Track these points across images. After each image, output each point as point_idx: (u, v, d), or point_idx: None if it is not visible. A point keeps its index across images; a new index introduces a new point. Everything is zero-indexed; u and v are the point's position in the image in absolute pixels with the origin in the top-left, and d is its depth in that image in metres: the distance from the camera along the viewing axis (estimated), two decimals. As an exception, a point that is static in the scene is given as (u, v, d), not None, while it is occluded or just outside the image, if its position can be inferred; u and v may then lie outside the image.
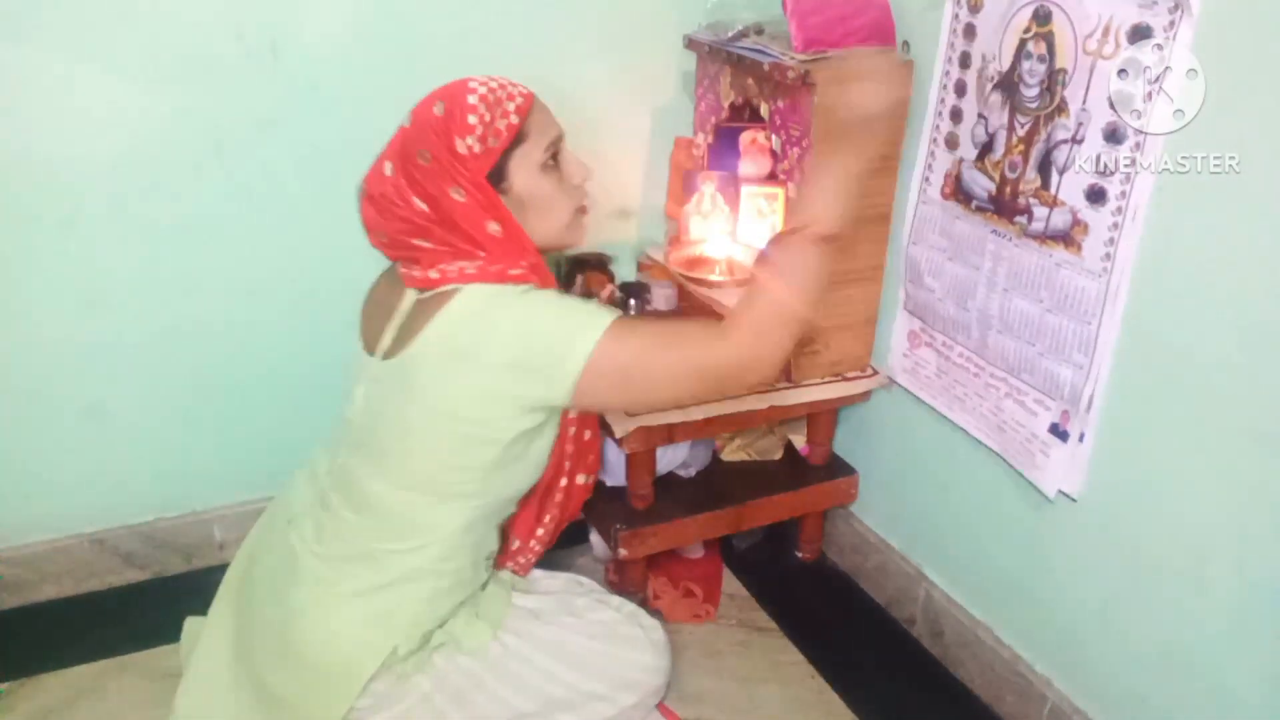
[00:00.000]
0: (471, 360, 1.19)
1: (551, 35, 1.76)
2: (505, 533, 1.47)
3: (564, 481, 1.46)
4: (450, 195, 1.19)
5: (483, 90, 1.22)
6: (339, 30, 1.61)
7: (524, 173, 1.25)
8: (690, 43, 1.75)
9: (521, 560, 1.51)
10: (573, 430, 1.40)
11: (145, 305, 1.67)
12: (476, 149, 1.20)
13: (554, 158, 1.29)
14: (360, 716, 1.31)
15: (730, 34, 1.63)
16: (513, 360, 1.18)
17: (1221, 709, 1.21)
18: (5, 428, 1.67)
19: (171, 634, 1.55)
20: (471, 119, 1.20)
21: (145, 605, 1.78)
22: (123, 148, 1.56)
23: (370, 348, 1.32)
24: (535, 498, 1.45)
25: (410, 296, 1.27)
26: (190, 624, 1.55)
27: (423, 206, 1.21)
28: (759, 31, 1.61)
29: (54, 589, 1.79)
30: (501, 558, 1.49)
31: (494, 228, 1.22)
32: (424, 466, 1.27)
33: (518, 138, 1.23)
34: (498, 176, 1.23)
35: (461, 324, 1.20)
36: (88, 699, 1.57)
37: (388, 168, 1.23)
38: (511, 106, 1.23)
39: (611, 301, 1.78)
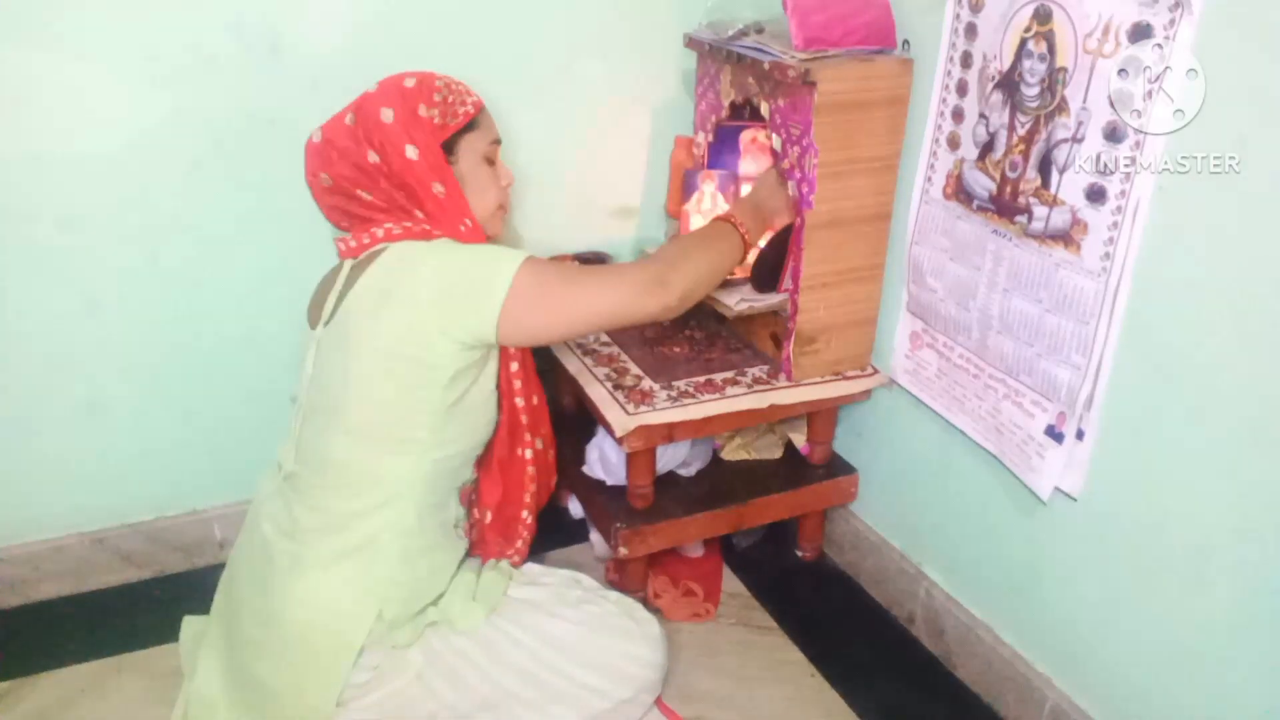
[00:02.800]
0: (399, 299, 1.29)
1: (552, 34, 1.76)
2: (471, 507, 1.51)
3: (520, 450, 1.50)
4: (405, 152, 1.32)
5: (446, 80, 1.40)
6: (338, 28, 1.61)
7: (469, 156, 1.41)
8: (690, 41, 1.75)
9: (518, 544, 1.54)
10: (519, 384, 1.45)
11: (144, 304, 1.67)
12: (436, 120, 1.35)
13: (490, 158, 1.45)
14: (355, 695, 1.33)
15: (730, 33, 1.63)
16: (438, 294, 1.28)
17: (1222, 708, 1.21)
18: (5, 426, 1.67)
19: (171, 633, 1.56)
20: (436, 97, 1.37)
21: (145, 604, 1.78)
22: (122, 146, 1.56)
23: (314, 325, 1.41)
24: (494, 466, 1.49)
25: (346, 267, 1.38)
26: (189, 623, 1.56)
27: (375, 158, 1.33)
28: (759, 30, 1.61)
29: (54, 588, 1.79)
30: (486, 538, 1.52)
31: (439, 189, 1.35)
32: (372, 413, 1.32)
33: (470, 125, 1.40)
34: (447, 150, 1.38)
35: (388, 271, 1.32)
36: (87, 698, 1.57)
37: (349, 118, 1.36)
38: (469, 100, 1.41)
39: None
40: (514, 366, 1.43)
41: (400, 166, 1.32)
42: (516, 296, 1.28)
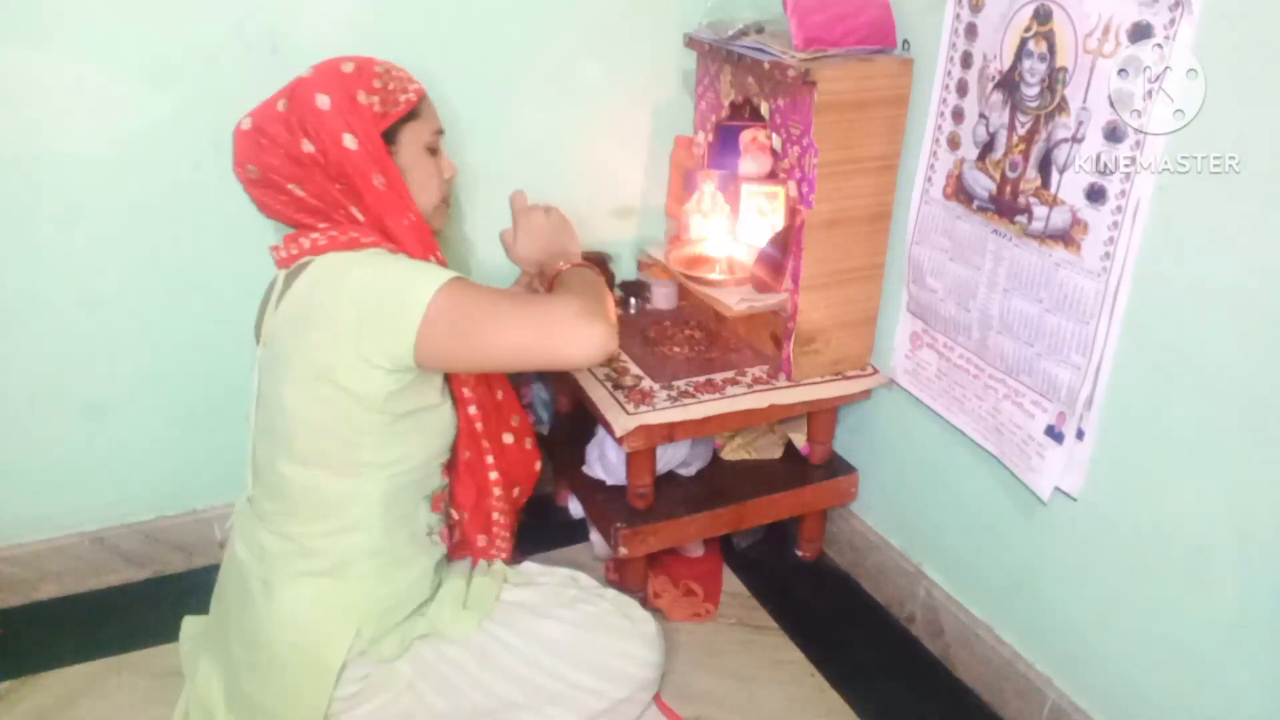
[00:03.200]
0: (321, 319, 1.22)
1: (552, 34, 1.76)
2: (448, 507, 1.47)
3: (488, 445, 1.46)
4: (342, 141, 1.24)
5: (387, 65, 1.32)
6: (338, 28, 1.60)
7: (412, 147, 1.33)
8: (690, 41, 1.75)
9: (499, 543, 1.51)
10: (467, 391, 1.39)
11: (144, 303, 1.67)
12: (376, 108, 1.27)
13: (433, 149, 1.37)
14: (344, 708, 1.31)
15: (730, 32, 1.63)
16: (359, 315, 1.20)
17: (1222, 708, 1.21)
18: (5, 427, 1.67)
19: (171, 632, 1.56)
20: (376, 83, 1.28)
21: (145, 604, 1.78)
22: (122, 146, 1.56)
23: (258, 337, 1.36)
24: (464, 469, 1.45)
25: (280, 279, 1.32)
26: (189, 623, 1.55)
27: (310, 147, 1.24)
28: (759, 30, 1.61)
29: (54, 587, 1.79)
30: (469, 537, 1.50)
31: (379, 181, 1.27)
32: (314, 440, 1.26)
33: (412, 113, 1.32)
34: (388, 139, 1.29)
35: (310, 289, 1.25)
36: (87, 697, 1.57)
37: (280, 104, 1.26)
38: (411, 87, 1.33)
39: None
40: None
41: (337, 156, 1.24)
42: (434, 320, 1.18)
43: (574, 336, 1.20)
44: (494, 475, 1.48)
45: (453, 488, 1.48)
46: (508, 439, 1.50)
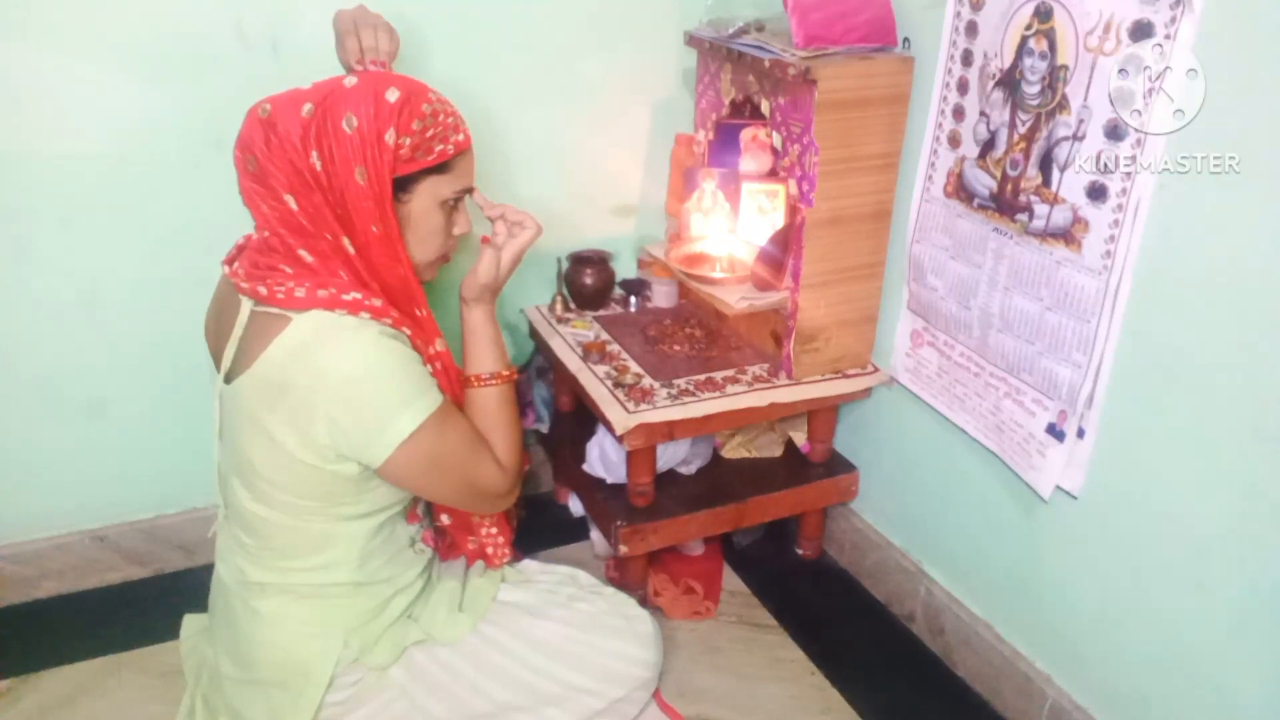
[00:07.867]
0: (295, 402, 1.15)
1: (552, 32, 1.76)
2: (425, 513, 1.44)
3: None
4: (353, 173, 1.15)
5: (439, 107, 1.21)
6: (339, 27, 1.60)
7: (427, 198, 1.23)
8: (690, 39, 1.75)
9: (493, 546, 1.48)
10: None
11: (145, 302, 1.67)
12: (404, 152, 1.17)
13: (454, 203, 1.28)
14: (336, 714, 1.30)
15: (730, 30, 1.62)
16: (333, 417, 1.15)
17: (1221, 707, 1.21)
18: (6, 424, 1.67)
19: (172, 631, 1.56)
20: (416, 125, 1.17)
21: (146, 602, 1.78)
22: (123, 145, 1.56)
23: (216, 363, 1.26)
24: None
25: (246, 309, 1.20)
26: (190, 621, 1.55)
27: (318, 164, 1.14)
28: (759, 28, 1.61)
29: (55, 585, 1.79)
30: (456, 540, 1.48)
31: (375, 228, 1.18)
32: (285, 495, 1.22)
33: (442, 167, 1.23)
34: (402, 186, 1.20)
35: (290, 362, 1.15)
36: (88, 695, 1.57)
37: (307, 108, 1.15)
38: (454, 138, 1.23)
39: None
40: None
41: (342, 184, 1.15)
42: (409, 451, 1.18)
43: (493, 506, 1.38)
44: None
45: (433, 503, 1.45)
46: None
